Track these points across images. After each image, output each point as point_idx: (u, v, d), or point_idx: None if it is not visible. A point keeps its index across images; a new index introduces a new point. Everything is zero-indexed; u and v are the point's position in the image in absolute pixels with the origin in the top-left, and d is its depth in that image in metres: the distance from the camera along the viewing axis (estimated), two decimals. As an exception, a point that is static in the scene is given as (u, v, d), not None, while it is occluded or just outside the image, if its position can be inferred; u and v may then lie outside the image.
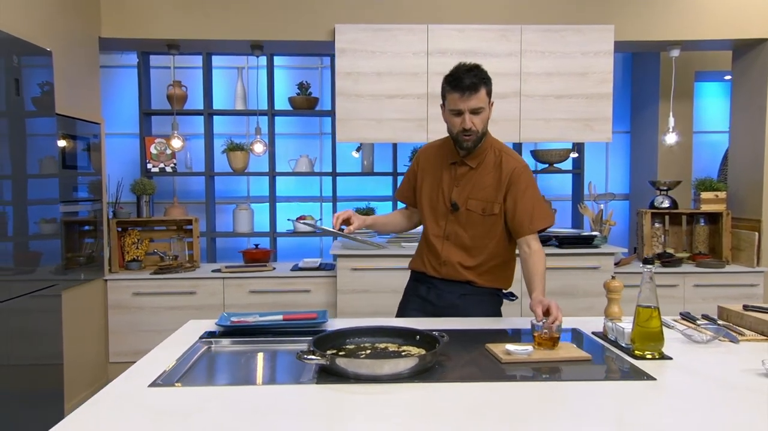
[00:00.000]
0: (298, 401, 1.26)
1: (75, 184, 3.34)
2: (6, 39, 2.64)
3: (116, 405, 1.23)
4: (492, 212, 2.05)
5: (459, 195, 2.07)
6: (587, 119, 3.76)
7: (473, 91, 1.93)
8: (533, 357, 1.54)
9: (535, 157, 4.50)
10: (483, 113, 1.98)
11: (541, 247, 2.03)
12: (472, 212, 2.06)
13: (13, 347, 2.64)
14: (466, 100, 1.93)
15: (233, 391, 1.31)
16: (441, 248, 2.10)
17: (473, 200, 2.06)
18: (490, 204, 2.05)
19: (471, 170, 2.06)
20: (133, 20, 3.71)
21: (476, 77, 1.94)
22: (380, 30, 3.66)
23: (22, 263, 2.74)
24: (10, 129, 2.67)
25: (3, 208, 2.60)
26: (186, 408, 1.21)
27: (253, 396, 1.28)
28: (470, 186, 2.06)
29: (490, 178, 2.05)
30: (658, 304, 1.58)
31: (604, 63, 3.75)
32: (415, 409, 1.23)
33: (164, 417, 1.16)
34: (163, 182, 4.74)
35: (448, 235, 2.10)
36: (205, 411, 1.19)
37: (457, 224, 2.09)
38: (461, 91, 1.92)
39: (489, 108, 2.02)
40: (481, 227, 2.07)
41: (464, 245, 2.09)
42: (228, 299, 3.68)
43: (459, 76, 1.94)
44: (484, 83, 1.96)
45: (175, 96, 4.36)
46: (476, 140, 2.00)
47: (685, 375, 1.44)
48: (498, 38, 3.70)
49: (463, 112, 1.94)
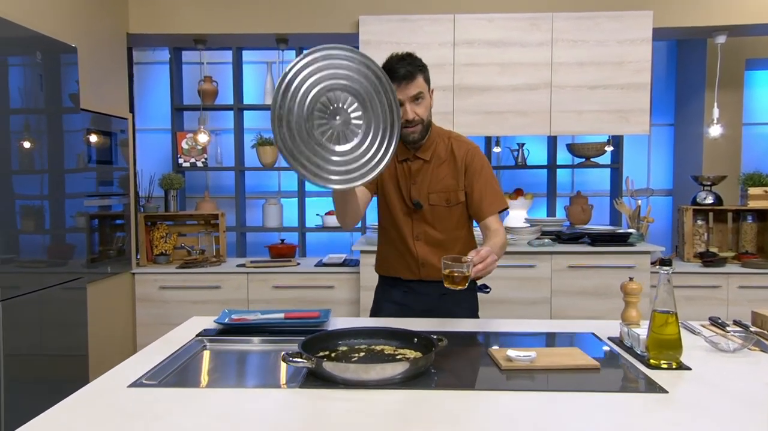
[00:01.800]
0: (274, 406, 1.21)
1: (102, 178, 3.38)
2: (29, 36, 2.69)
3: (88, 405, 1.20)
4: (458, 201, 1.98)
5: (419, 192, 1.98)
6: (623, 111, 3.58)
7: (410, 79, 1.84)
8: (536, 363, 1.44)
9: (570, 151, 4.32)
10: (424, 101, 1.89)
11: (503, 229, 1.95)
12: (437, 206, 1.98)
13: (40, 336, 2.70)
14: (404, 89, 1.84)
15: (211, 394, 1.26)
16: (415, 250, 2.01)
17: (434, 194, 1.98)
18: (453, 193, 1.98)
19: (425, 163, 1.98)
20: (160, 15, 3.73)
21: (410, 65, 1.85)
22: (405, 21, 3.57)
23: (47, 256, 2.79)
24: (34, 125, 2.71)
25: (28, 202, 2.64)
26: (157, 410, 1.17)
27: (230, 400, 1.22)
28: (428, 180, 1.98)
29: (446, 167, 1.99)
30: (676, 309, 1.45)
31: (641, 51, 3.56)
32: (398, 419, 1.15)
33: (131, 419, 1.13)
34: (197, 176, 4.78)
35: (417, 235, 2.01)
36: (175, 414, 1.15)
37: (423, 222, 2.00)
38: (398, 81, 1.82)
39: (430, 96, 1.94)
40: (449, 220, 2.00)
41: (437, 242, 2.00)
42: (252, 295, 3.68)
43: (392, 67, 1.85)
44: (420, 70, 1.88)
45: (205, 91, 4.38)
46: (422, 131, 1.92)
47: (702, 388, 1.31)
48: (528, 27, 3.56)
49: (404, 102, 1.85)
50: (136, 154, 4.57)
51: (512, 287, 3.50)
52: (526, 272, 3.51)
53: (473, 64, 3.57)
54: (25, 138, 2.64)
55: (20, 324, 2.57)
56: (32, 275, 2.68)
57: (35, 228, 2.71)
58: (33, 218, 2.71)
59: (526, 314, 3.48)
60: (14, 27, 2.59)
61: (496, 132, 3.66)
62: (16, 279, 2.58)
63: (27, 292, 2.62)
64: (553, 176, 4.41)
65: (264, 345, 1.69)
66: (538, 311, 3.51)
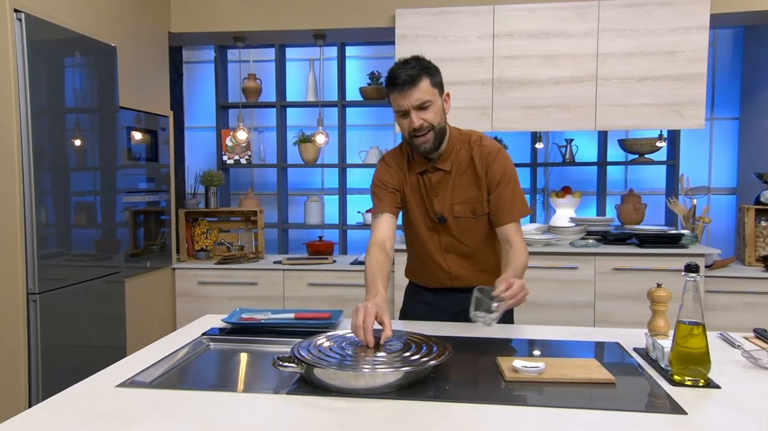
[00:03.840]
0: (255, 413, 1.16)
1: (143, 175, 3.46)
2: (69, 37, 2.76)
3: (69, 405, 1.18)
4: (484, 212, 1.84)
5: (442, 205, 1.84)
6: (675, 104, 3.36)
7: (411, 84, 1.68)
8: (544, 375, 1.33)
9: (623, 146, 4.10)
10: (432, 106, 1.72)
11: (525, 245, 1.81)
12: (462, 219, 1.84)
13: (78, 328, 2.79)
14: (407, 96, 1.69)
15: (195, 396, 1.23)
16: (446, 263, 1.89)
17: (458, 206, 1.84)
18: (478, 204, 1.83)
19: (446, 174, 1.84)
20: (201, 14, 3.78)
21: (413, 69, 1.69)
22: (442, 13, 3.47)
23: (89, 250, 2.88)
24: (73, 123, 2.79)
25: (67, 198, 2.72)
26: (135, 412, 1.14)
27: (213, 404, 1.19)
28: (450, 191, 1.84)
29: (468, 176, 1.83)
30: (704, 320, 1.31)
31: (697, 40, 3.33)
32: (379, 431, 1.08)
33: (105, 421, 1.10)
34: (243, 173, 4.84)
35: (446, 247, 1.89)
36: (152, 417, 1.12)
37: (449, 235, 1.87)
38: (399, 88, 1.69)
39: (442, 99, 1.76)
40: (477, 231, 1.86)
41: (467, 254, 1.88)
42: (288, 291, 3.67)
43: (394, 73, 1.71)
44: (425, 73, 1.71)
45: (249, 89, 4.42)
46: (435, 140, 1.75)
47: (730, 410, 1.17)
48: (572, 17, 3.38)
49: (408, 110, 1.70)
50: (185, 151, 4.68)
51: (553, 290, 3.34)
52: (568, 274, 3.35)
53: (513, 57, 3.43)
54: (68, 137, 2.72)
55: (59, 316, 2.65)
56: (73, 269, 2.76)
57: (78, 224, 2.79)
58: (78, 214, 2.79)
59: (567, 319, 3.32)
60: (55, 28, 2.67)
61: (538, 128, 3.51)
62: (62, 272, 2.69)
63: (65, 285, 2.70)
64: (603, 173, 4.20)
65: (270, 347, 1.65)
66: (580, 315, 3.34)
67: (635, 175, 4.56)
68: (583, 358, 1.47)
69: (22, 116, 2.50)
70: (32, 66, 2.52)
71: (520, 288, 1.51)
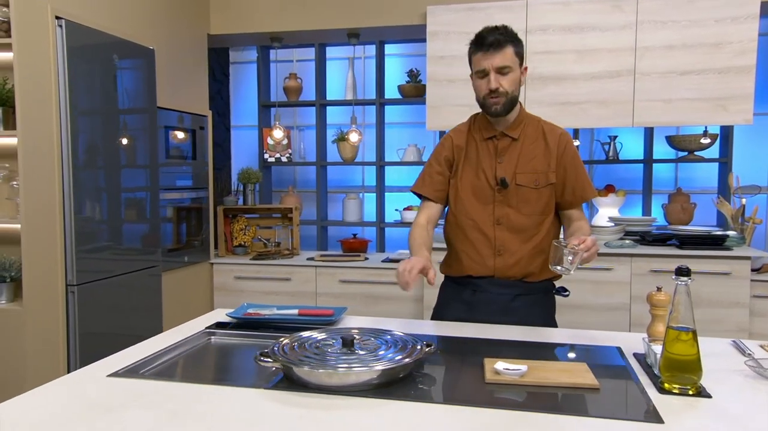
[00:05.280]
0: (229, 406, 1.19)
1: (182, 173, 3.59)
2: (108, 41, 2.90)
3: (56, 393, 1.25)
4: (548, 182, 1.86)
5: (505, 171, 1.87)
6: (720, 98, 3.19)
7: (497, 48, 1.76)
8: (526, 379, 1.30)
9: (671, 143, 3.93)
10: (511, 74, 1.79)
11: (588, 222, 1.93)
12: (523, 187, 1.86)
13: (116, 318, 2.94)
14: (490, 58, 1.76)
15: (177, 388, 1.27)
16: (494, 233, 1.87)
17: (522, 174, 1.86)
18: (543, 175, 1.86)
19: (513, 141, 1.89)
20: (239, 16, 3.88)
21: (501, 35, 1.77)
22: (474, 9, 3.42)
23: (125, 244, 3.02)
24: (112, 123, 2.94)
25: (105, 195, 2.86)
26: (115, 402, 1.19)
27: (192, 396, 1.22)
28: (515, 159, 1.87)
29: (536, 147, 1.88)
30: (695, 325, 1.25)
31: (745, 30, 3.15)
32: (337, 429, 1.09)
33: (84, 410, 1.16)
34: (286, 171, 4.94)
35: (498, 219, 1.87)
36: (130, 407, 1.16)
37: (506, 205, 1.87)
38: (484, 49, 1.77)
39: (520, 71, 1.83)
40: (536, 203, 1.87)
41: (519, 227, 1.87)
42: (320, 288, 3.73)
43: (482, 35, 1.79)
44: (511, 41, 1.79)
45: (290, 88, 4.51)
46: (507, 104, 1.81)
47: (712, 421, 1.11)
48: (609, 9, 3.27)
49: (488, 71, 1.77)
50: (232, 150, 4.83)
51: (587, 292, 3.25)
52: (602, 275, 3.24)
53: (547, 52, 3.35)
54: (106, 136, 2.86)
55: (96, 306, 2.79)
56: (110, 262, 2.91)
57: (116, 219, 2.94)
58: (116, 210, 2.93)
59: (602, 322, 3.22)
60: (95, 33, 2.82)
61: (573, 124, 3.41)
62: (99, 265, 2.84)
63: (102, 277, 2.85)
64: (649, 171, 4.04)
65: (270, 342, 1.67)
66: (615, 318, 3.23)
67: (687, 173, 4.36)
68: (573, 362, 1.43)
69: (63, 117, 2.65)
70: (72, 69, 2.66)
71: (593, 242, 1.59)
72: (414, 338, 1.44)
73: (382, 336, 1.47)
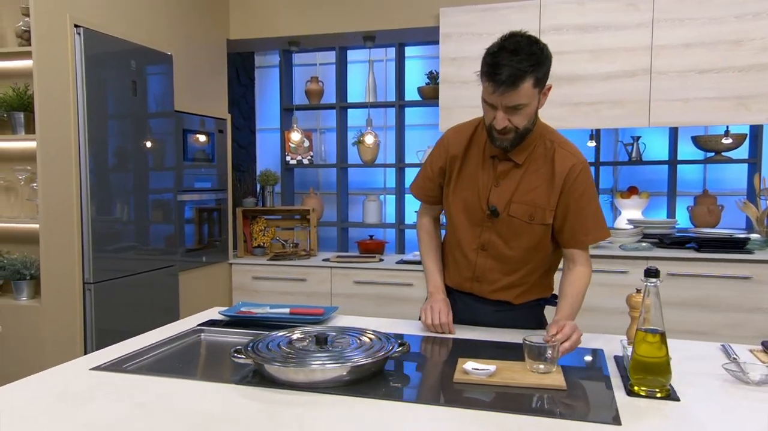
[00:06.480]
0: (198, 400, 1.22)
1: (201, 175, 3.68)
2: (125, 48, 3.01)
3: (38, 385, 1.31)
4: (543, 222, 1.66)
5: (499, 198, 1.67)
6: (741, 97, 3.09)
7: (510, 87, 1.47)
8: (494, 379, 1.30)
9: (697, 144, 3.83)
10: (525, 109, 1.53)
11: (589, 265, 1.70)
12: (515, 219, 1.67)
13: (132, 315, 3.04)
14: (500, 97, 1.50)
15: (151, 382, 1.31)
16: (476, 259, 1.75)
17: (517, 205, 1.66)
18: (540, 210, 1.65)
19: (515, 167, 1.66)
20: (257, 21, 3.96)
21: (520, 66, 1.45)
22: (487, 10, 3.41)
23: (142, 244, 3.13)
24: (128, 127, 3.04)
25: (121, 196, 2.97)
26: (90, 394, 1.24)
27: (164, 390, 1.27)
28: (514, 187, 1.66)
29: (540, 177, 1.65)
30: (664, 328, 1.23)
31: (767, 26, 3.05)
32: (294, 427, 1.11)
33: (60, 403, 1.21)
34: (309, 173, 5.01)
35: (484, 245, 1.72)
36: (103, 400, 1.21)
37: (494, 232, 1.70)
38: (495, 85, 1.48)
39: (539, 97, 1.56)
40: (527, 238, 1.69)
41: (504, 258, 1.72)
42: (335, 289, 3.76)
43: (497, 63, 1.47)
44: (532, 71, 1.47)
45: (312, 91, 4.58)
46: (516, 139, 1.59)
47: (671, 425, 1.09)
48: (624, 8, 3.21)
49: (496, 107, 1.53)
50: (257, 152, 4.92)
51: (600, 295, 3.19)
52: (616, 278, 3.18)
53: (561, 52, 3.31)
54: (123, 140, 2.97)
55: (112, 304, 2.90)
56: (127, 261, 3.01)
57: (132, 220, 3.04)
58: (133, 211, 3.03)
59: (613, 326, 3.15)
60: (113, 40, 2.92)
61: (586, 125, 3.36)
62: (116, 264, 2.94)
63: (119, 276, 2.95)
64: (674, 172, 3.94)
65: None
66: (628, 322, 3.15)
67: (715, 174, 4.23)
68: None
69: (80, 122, 2.76)
70: (89, 76, 2.77)
71: (572, 329, 1.44)
72: (390, 338, 1.46)
73: (357, 335, 1.48)
